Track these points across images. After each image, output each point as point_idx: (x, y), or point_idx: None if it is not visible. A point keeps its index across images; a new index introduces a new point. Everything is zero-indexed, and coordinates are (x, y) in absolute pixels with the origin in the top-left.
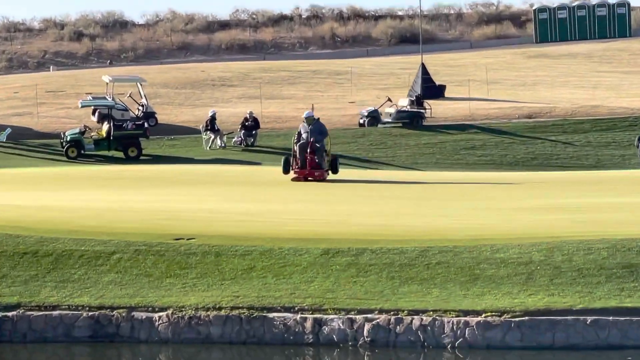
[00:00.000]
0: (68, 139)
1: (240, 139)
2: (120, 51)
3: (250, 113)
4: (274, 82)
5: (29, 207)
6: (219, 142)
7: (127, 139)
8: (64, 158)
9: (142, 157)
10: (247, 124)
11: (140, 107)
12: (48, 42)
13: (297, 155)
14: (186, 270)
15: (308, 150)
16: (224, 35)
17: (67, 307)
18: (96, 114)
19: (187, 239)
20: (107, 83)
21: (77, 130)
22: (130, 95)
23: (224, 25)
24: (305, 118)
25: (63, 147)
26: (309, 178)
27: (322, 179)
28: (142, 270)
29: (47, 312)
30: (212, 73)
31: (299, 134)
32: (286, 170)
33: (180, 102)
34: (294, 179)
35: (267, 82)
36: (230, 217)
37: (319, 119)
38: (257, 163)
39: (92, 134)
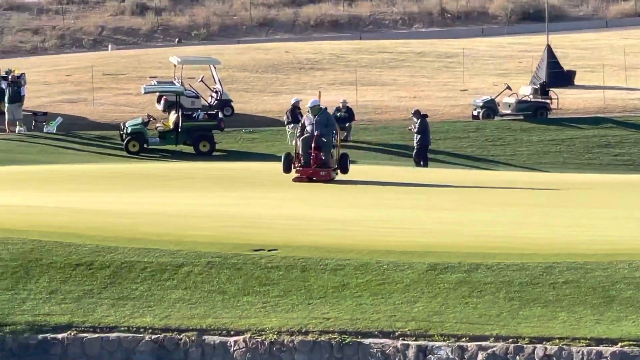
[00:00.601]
0: (129, 130)
1: None
2: (190, 28)
3: (344, 102)
4: (371, 65)
5: (82, 211)
6: None
7: (198, 131)
8: (124, 153)
9: (215, 153)
10: (339, 114)
11: (214, 94)
12: (106, 16)
13: (300, 152)
14: (267, 287)
15: (312, 146)
16: (312, 10)
17: (126, 328)
18: (162, 101)
19: (268, 250)
20: (175, 65)
21: (139, 121)
22: (202, 80)
23: None
24: (310, 108)
25: (123, 140)
26: (314, 178)
27: (328, 179)
28: (215, 286)
29: (103, 335)
30: (299, 54)
31: (303, 127)
32: (287, 169)
33: (261, 89)
34: (295, 179)
35: (363, 65)
36: (318, 225)
37: (326, 108)
38: (351, 161)
39: (157, 125)
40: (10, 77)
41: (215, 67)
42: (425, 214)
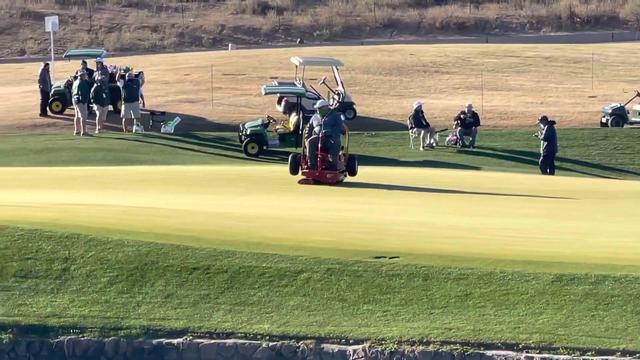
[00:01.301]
0: (248, 132)
1: (455, 137)
2: (312, 28)
3: (469, 106)
4: (498, 69)
5: (199, 214)
6: (429, 140)
7: None
8: (243, 155)
9: None
10: (464, 118)
11: (336, 96)
12: (227, 14)
13: (307, 153)
14: (388, 295)
15: (319, 147)
16: (438, 12)
17: (243, 335)
18: (282, 103)
19: (390, 258)
20: (296, 66)
21: (259, 122)
22: (324, 82)
23: None
24: (319, 109)
25: (242, 142)
26: (321, 181)
27: (335, 182)
28: (335, 293)
29: (219, 341)
30: (423, 57)
31: (311, 127)
32: (294, 170)
33: (384, 91)
34: (301, 182)
35: (489, 69)
36: (441, 233)
37: (335, 109)
38: (475, 167)
39: (278, 127)
40: (127, 75)
41: (337, 69)
42: (550, 223)
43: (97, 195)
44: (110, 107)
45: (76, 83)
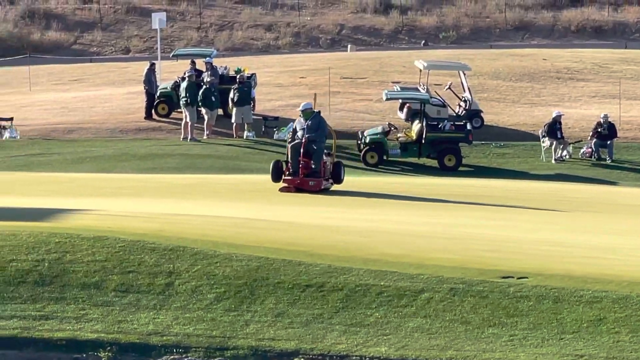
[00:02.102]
0: (367, 140)
1: (590, 149)
2: (438, 29)
3: (605, 117)
4: (637, 77)
5: (314, 227)
6: (562, 152)
7: (444, 143)
8: (361, 165)
9: (460, 168)
10: (600, 130)
11: (462, 103)
12: (346, 13)
13: (289, 159)
14: (515, 318)
15: (301, 152)
16: (573, 14)
17: (358, 357)
18: (404, 109)
19: (518, 278)
20: (420, 70)
21: (379, 130)
22: (449, 87)
23: (574, 0)
24: (302, 111)
25: (360, 151)
26: (303, 189)
27: (317, 190)
28: (458, 315)
29: None
30: (557, 62)
31: (294, 132)
32: (276, 178)
33: (514, 99)
34: (282, 189)
35: (628, 77)
36: (573, 252)
37: (319, 112)
38: (611, 182)
39: (399, 135)
40: (239, 77)
41: (464, 74)
42: None
43: (204, 206)
44: (220, 111)
45: (184, 85)
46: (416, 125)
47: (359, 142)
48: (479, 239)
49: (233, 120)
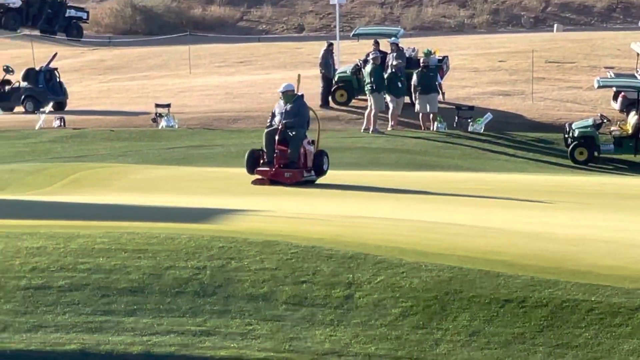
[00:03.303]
0: (576, 134)
1: None
2: None
3: None
4: None
5: (514, 234)
6: None
7: None
8: (569, 162)
9: None
10: None
11: None
12: None
13: (264, 147)
14: None
15: (277, 140)
16: None
17: None
18: (619, 99)
19: None
20: (638, 54)
21: (589, 122)
22: None
23: None
24: (282, 93)
25: (567, 146)
26: (278, 181)
27: (294, 182)
28: None
29: None
30: None
31: (272, 116)
32: (251, 168)
33: None
34: (255, 182)
35: None
36: None
37: (301, 96)
38: None
39: (613, 128)
40: (422, 60)
41: None
42: None
43: (387, 207)
44: (407, 99)
45: (368, 68)
46: (633, 117)
47: (566, 136)
48: None
49: (417, 109)
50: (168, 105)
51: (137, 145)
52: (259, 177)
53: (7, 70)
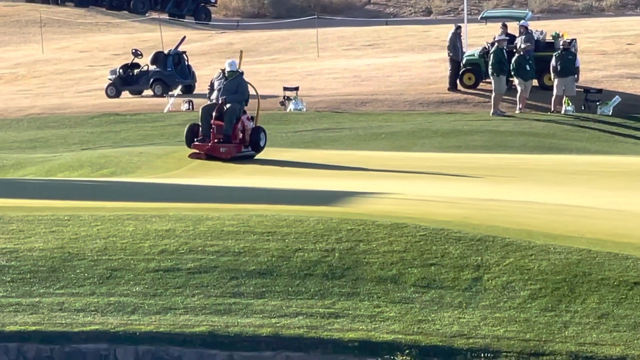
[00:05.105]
0: None
1: None
2: None
3: None
4: None
5: (637, 216)
6: None
7: None
8: None
9: None
10: None
11: None
12: None
13: (200, 122)
14: None
15: (213, 115)
16: None
17: None
18: None
19: None
20: None
21: None
22: None
23: None
24: (229, 71)
25: None
26: (214, 156)
27: (230, 157)
28: None
29: None
30: None
31: (211, 90)
32: (189, 142)
33: None
34: (192, 156)
35: None
36: None
37: (242, 73)
38: None
39: None
40: (562, 42)
41: None
42: None
43: (515, 190)
44: (535, 82)
45: (493, 51)
46: None
47: None
48: None
49: (554, 92)
50: (296, 89)
51: (265, 128)
52: (195, 151)
53: (136, 53)
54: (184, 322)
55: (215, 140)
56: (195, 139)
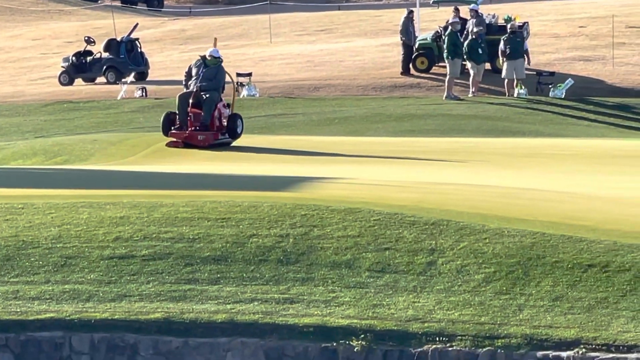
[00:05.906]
0: None
1: None
2: None
3: None
4: None
5: (595, 199)
6: None
7: None
8: None
9: None
10: None
11: None
12: None
13: (177, 110)
14: None
15: (190, 102)
16: None
17: None
18: None
19: None
20: None
21: None
22: None
23: None
24: (212, 58)
25: None
26: (192, 143)
27: (207, 144)
28: None
29: (618, 355)
30: None
31: (188, 76)
32: (165, 131)
33: None
34: (169, 144)
35: None
36: None
37: (220, 61)
38: None
39: None
40: (510, 26)
41: None
42: None
43: (469, 173)
44: (487, 66)
45: (447, 34)
46: None
47: None
48: None
49: (503, 75)
50: (249, 75)
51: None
52: (173, 139)
53: (89, 41)
54: (139, 309)
55: (192, 128)
56: (172, 127)
